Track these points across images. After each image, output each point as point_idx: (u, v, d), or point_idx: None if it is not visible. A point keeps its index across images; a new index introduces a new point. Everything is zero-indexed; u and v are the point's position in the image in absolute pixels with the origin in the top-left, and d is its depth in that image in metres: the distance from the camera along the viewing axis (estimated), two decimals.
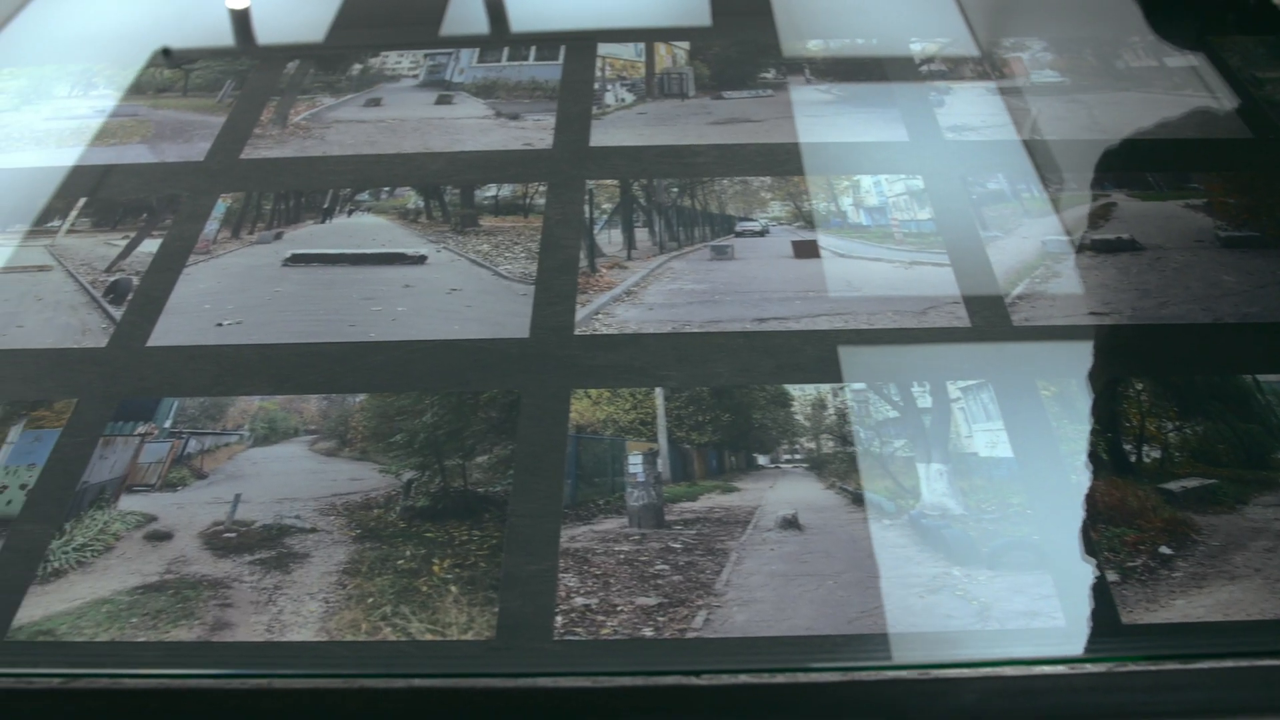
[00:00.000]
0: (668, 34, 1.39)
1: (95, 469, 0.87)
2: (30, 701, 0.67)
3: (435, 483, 0.84)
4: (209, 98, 1.31)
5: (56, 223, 1.14)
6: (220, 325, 0.98)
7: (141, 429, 0.90)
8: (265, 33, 1.46)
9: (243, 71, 1.35)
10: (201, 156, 1.21)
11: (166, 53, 1.42)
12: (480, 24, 1.45)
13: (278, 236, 1.09)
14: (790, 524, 0.80)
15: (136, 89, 1.35)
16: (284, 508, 0.83)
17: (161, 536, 0.82)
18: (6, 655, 0.74)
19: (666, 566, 0.77)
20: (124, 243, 1.10)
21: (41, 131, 1.27)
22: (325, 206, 1.12)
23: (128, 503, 0.85)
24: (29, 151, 1.24)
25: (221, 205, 1.13)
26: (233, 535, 0.81)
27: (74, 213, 1.15)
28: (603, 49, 1.35)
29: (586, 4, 1.49)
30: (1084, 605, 0.73)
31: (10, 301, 1.04)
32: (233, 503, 0.84)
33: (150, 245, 1.09)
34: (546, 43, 1.38)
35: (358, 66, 1.35)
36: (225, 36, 1.46)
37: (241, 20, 1.48)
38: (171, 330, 0.98)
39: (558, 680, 0.66)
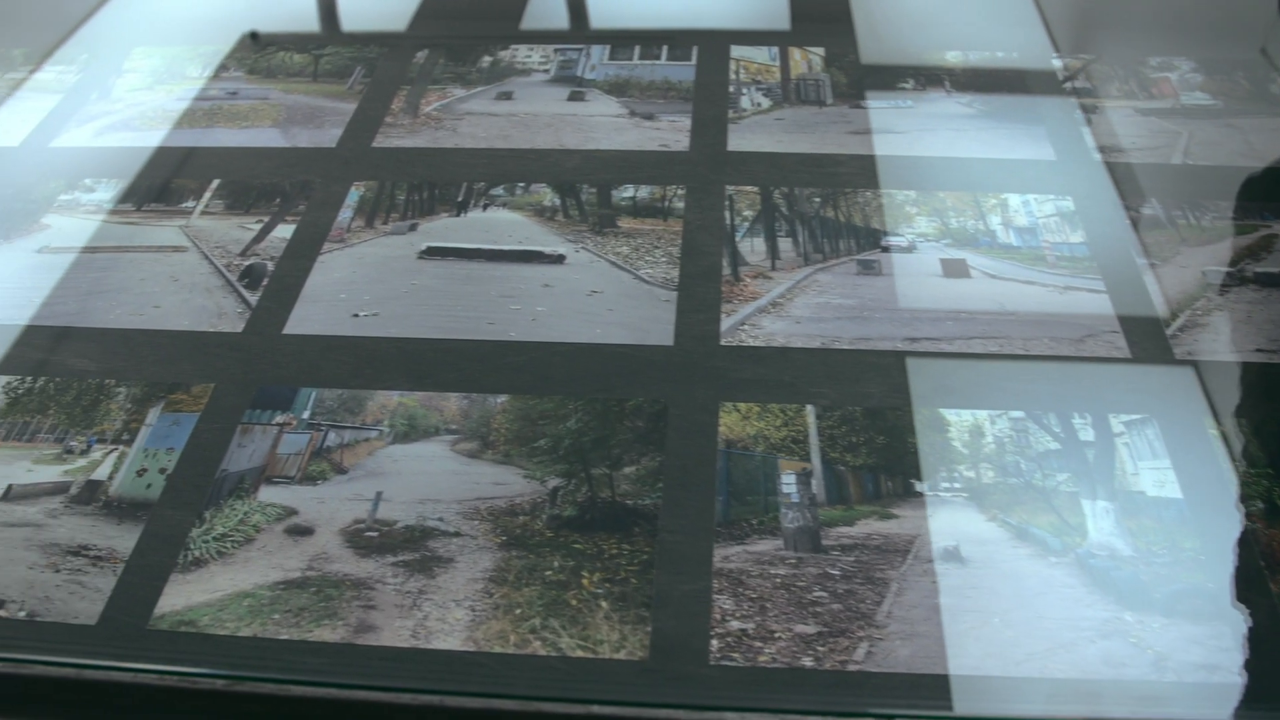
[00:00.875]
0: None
1: (234, 457, 0.86)
2: (191, 700, 0.66)
3: (582, 492, 0.82)
4: (339, 84, 1.30)
5: (190, 203, 1.13)
6: (357, 316, 0.97)
7: (279, 419, 0.89)
8: (350, 20, 1.45)
9: (372, 59, 1.34)
10: (333, 143, 1.20)
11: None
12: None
13: (412, 228, 1.07)
14: (952, 555, 0.77)
15: (266, 72, 1.34)
16: (426, 509, 0.81)
17: (302, 531, 0.80)
18: (150, 645, 0.73)
19: (825, 593, 0.74)
20: (258, 227, 1.08)
21: (174, 111, 1.27)
22: (459, 199, 1.10)
23: (267, 494, 0.83)
24: (163, 130, 1.23)
25: (354, 193, 1.12)
26: (375, 534, 0.80)
27: (207, 194, 1.14)
28: (735, 51, 1.32)
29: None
30: (1267, 661, 0.70)
31: (147, 281, 1.03)
32: (374, 501, 0.82)
33: (284, 230, 1.08)
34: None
35: (487, 59, 1.34)
36: (353, 21, 1.45)
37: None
38: (307, 318, 0.97)
39: (745, 716, 0.63)
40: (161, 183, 1.16)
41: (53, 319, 1.00)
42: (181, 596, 0.76)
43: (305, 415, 0.89)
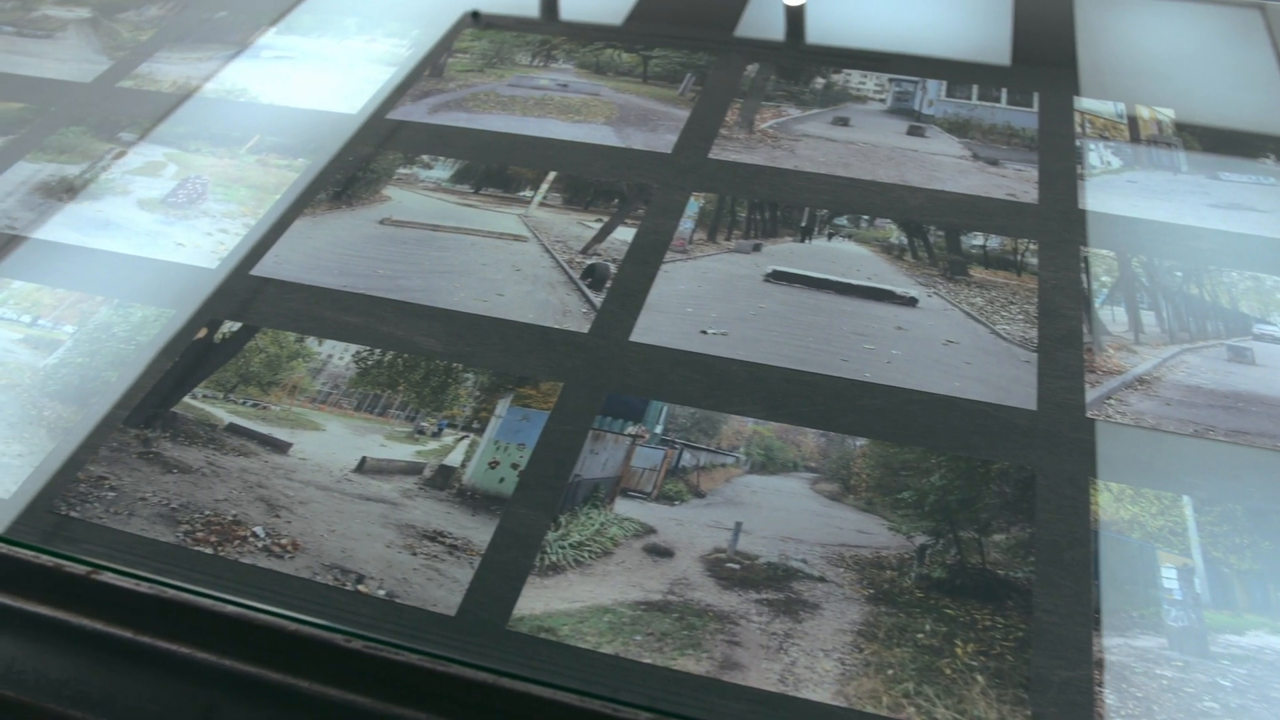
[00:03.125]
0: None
1: (587, 464, 0.85)
2: None
3: (951, 554, 0.78)
4: (669, 89, 1.29)
5: (528, 193, 1.13)
6: (705, 334, 0.95)
7: (631, 429, 0.88)
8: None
9: (702, 67, 1.33)
10: (669, 149, 1.19)
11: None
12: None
13: (756, 248, 1.05)
14: None
15: (595, 68, 1.34)
16: (789, 548, 0.79)
17: (662, 552, 0.79)
18: (510, 647, 0.73)
19: (1216, 705, 0.70)
20: (597, 226, 1.08)
21: (506, 96, 1.28)
22: (803, 225, 1.08)
23: (623, 507, 0.82)
24: (496, 115, 1.24)
25: (694, 204, 1.11)
26: (736, 566, 0.78)
27: (545, 185, 1.14)
28: (1080, 103, 1.27)
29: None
30: None
31: (489, 267, 1.03)
32: (734, 531, 0.81)
33: (624, 233, 1.07)
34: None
35: (820, 80, 1.31)
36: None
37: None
38: (654, 328, 0.96)
39: None
40: (499, 167, 1.16)
41: (398, 293, 1.01)
42: (540, 601, 0.76)
43: (658, 430, 0.88)
